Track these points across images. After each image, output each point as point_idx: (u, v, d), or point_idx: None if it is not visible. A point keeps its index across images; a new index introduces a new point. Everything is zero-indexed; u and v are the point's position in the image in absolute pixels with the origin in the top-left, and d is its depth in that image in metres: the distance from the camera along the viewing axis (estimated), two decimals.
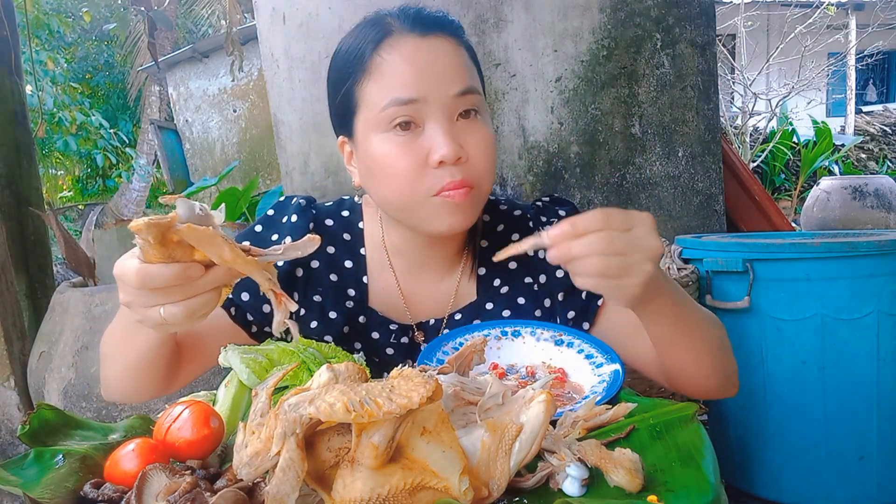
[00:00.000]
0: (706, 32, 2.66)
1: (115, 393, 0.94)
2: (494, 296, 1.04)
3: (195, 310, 0.64)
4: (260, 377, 0.74)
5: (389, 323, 1.03)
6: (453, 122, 0.89)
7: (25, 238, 2.81)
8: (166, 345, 0.87)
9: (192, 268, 0.62)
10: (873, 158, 9.63)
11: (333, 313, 1.02)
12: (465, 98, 0.89)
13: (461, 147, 0.88)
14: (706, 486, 0.56)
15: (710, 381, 0.91)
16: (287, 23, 2.68)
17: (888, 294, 1.85)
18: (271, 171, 8.06)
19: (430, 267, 1.04)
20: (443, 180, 0.87)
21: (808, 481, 1.95)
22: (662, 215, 2.66)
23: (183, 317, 0.64)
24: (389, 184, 0.90)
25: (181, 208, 0.60)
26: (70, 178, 12.12)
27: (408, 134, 0.88)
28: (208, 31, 11.25)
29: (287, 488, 0.50)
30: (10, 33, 2.78)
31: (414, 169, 0.88)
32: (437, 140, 0.87)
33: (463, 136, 0.89)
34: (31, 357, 2.18)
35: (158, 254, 0.60)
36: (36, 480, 0.60)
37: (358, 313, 1.03)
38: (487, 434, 0.57)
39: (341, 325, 1.02)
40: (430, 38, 0.90)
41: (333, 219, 1.07)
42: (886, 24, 9.55)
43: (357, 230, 1.07)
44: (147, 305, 0.64)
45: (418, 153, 0.88)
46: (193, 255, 0.61)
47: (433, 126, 0.88)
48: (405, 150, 0.88)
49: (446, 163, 0.87)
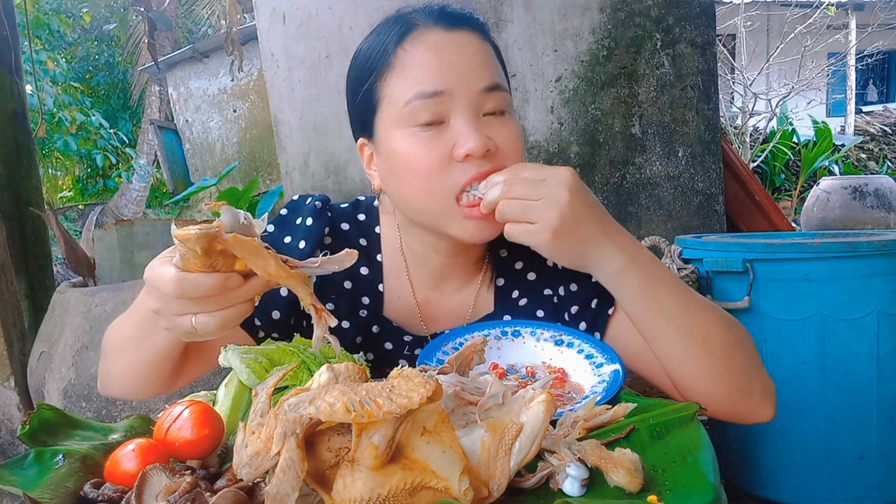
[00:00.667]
0: (706, 32, 2.66)
1: (116, 389, 0.91)
2: (512, 308, 1.01)
3: (229, 320, 0.63)
4: (260, 377, 0.74)
5: (404, 334, 1.00)
6: (480, 117, 0.86)
7: (25, 238, 2.81)
8: (178, 347, 0.84)
9: (232, 278, 0.60)
10: (873, 158, 9.63)
11: (346, 323, 0.99)
12: (493, 95, 0.86)
13: (489, 138, 0.84)
14: (706, 486, 0.56)
15: (716, 386, 0.82)
16: (287, 23, 2.68)
17: (888, 294, 1.85)
18: (271, 171, 8.06)
19: (449, 276, 1.01)
20: (467, 175, 0.84)
21: (808, 481, 1.95)
22: (662, 215, 2.66)
23: (216, 327, 0.62)
24: (412, 182, 0.87)
25: (226, 216, 0.58)
26: (70, 178, 12.11)
27: (432, 130, 0.84)
28: (208, 31, 11.26)
29: (287, 488, 0.50)
30: (10, 33, 2.78)
31: (438, 165, 0.84)
32: (464, 132, 0.83)
33: (490, 130, 0.85)
34: (31, 357, 2.18)
35: (200, 262, 0.58)
36: (36, 480, 0.60)
37: (372, 322, 1.00)
38: (487, 434, 0.57)
39: (354, 335, 0.99)
40: (456, 32, 0.87)
41: (349, 222, 1.03)
42: (886, 24, 9.55)
43: (374, 235, 1.03)
44: (180, 314, 0.63)
45: (443, 148, 0.84)
46: (234, 264, 0.60)
47: (459, 120, 0.84)
48: (429, 145, 0.84)
49: (473, 156, 0.83)
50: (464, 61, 0.85)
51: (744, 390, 0.84)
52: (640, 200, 2.66)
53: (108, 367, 0.90)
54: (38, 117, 3.43)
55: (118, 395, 0.93)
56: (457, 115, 0.84)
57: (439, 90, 0.83)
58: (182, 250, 0.58)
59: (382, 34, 0.89)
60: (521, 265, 1.03)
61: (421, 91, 0.84)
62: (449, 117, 0.85)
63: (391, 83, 0.87)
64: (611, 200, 2.65)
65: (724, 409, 0.84)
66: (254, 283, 0.62)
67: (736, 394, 0.84)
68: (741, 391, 0.84)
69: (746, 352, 0.86)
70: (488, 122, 0.86)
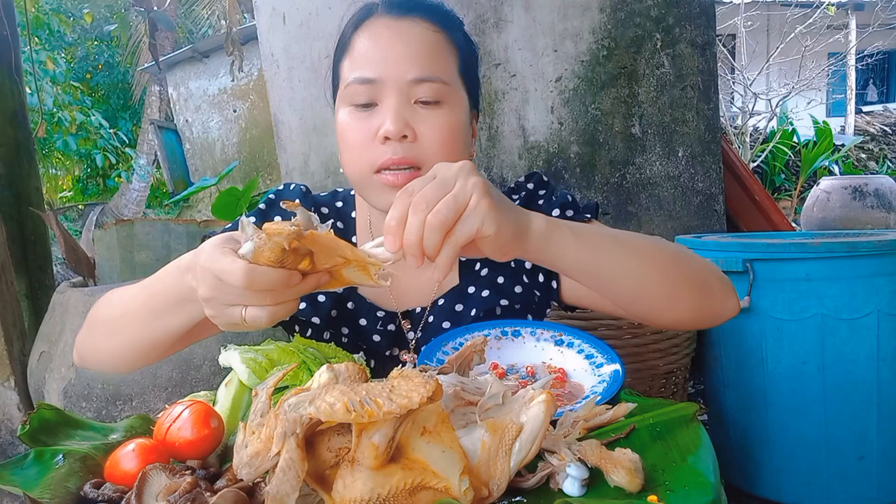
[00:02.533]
0: (706, 32, 2.66)
1: (100, 363, 0.89)
2: (476, 278, 1.05)
3: (279, 316, 0.64)
4: (260, 377, 0.74)
5: (377, 310, 1.04)
6: (409, 104, 0.91)
7: (25, 238, 2.81)
8: (188, 329, 0.82)
9: (295, 275, 0.62)
10: (873, 158, 9.63)
11: (322, 296, 1.03)
12: (423, 86, 0.91)
13: (408, 125, 0.90)
14: (706, 486, 0.56)
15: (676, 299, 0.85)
16: (287, 23, 2.68)
17: (888, 294, 1.85)
18: (271, 171, 8.06)
19: None
20: (384, 155, 0.90)
21: (808, 481, 1.95)
22: (662, 215, 2.66)
23: (266, 320, 0.63)
24: (345, 153, 0.95)
25: (302, 216, 0.62)
26: (70, 178, 12.12)
27: (366, 111, 0.92)
28: (208, 31, 11.25)
29: (287, 488, 0.50)
30: (10, 33, 2.78)
31: (362, 142, 0.92)
32: (385, 117, 0.90)
33: (417, 118, 0.91)
34: (31, 357, 2.19)
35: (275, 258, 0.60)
36: (36, 480, 0.60)
37: (347, 299, 1.05)
38: (487, 434, 0.57)
39: (329, 307, 1.03)
40: (404, 20, 0.93)
41: (329, 208, 1.12)
42: (886, 24, 9.55)
43: (350, 220, 1.11)
44: (234, 304, 0.63)
45: (369, 128, 0.92)
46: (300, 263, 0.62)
47: (386, 104, 0.91)
48: (359, 123, 0.92)
49: (391, 139, 0.90)
50: (397, 50, 0.91)
51: (703, 291, 0.87)
52: (640, 200, 2.66)
53: (96, 341, 0.88)
54: (38, 117, 3.43)
55: (99, 370, 0.92)
56: (385, 100, 0.91)
57: (371, 78, 0.91)
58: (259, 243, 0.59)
59: (350, 18, 0.98)
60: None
61: (358, 77, 0.92)
62: (381, 101, 0.92)
63: (343, 65, 0.96)
64: (611, 200, 2.65)
65: (692, 316, 0.88)
66: (309, 280, 0.64)
67: (698, 297, 0.87)
68: (701, 293, 0.87)
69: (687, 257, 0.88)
70: (415, 110, 0.92)
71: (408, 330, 1.04)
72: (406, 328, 1.04)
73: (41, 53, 9.08)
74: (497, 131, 2.68)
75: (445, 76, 0.93)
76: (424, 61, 0.91)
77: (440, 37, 0.94)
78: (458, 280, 1.06)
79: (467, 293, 1.04)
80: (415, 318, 1.05)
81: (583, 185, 2.65)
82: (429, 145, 0.91)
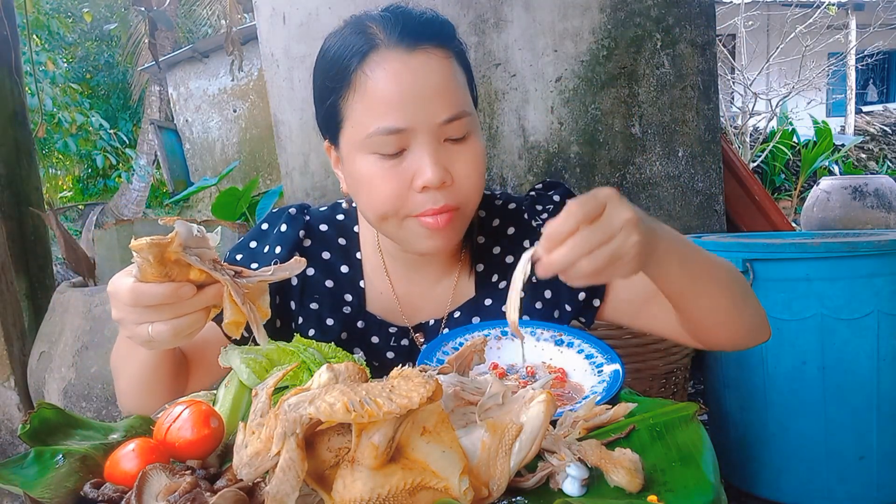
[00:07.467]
0: (706, 32, 2.66)
1: (128, 405, 0.94)
2: (493, 291, 1.03)
3: (182, 329, 0.66)
4: (260, 377, 0.74)
5: (388, 326, 1.02)
6: (440, 144, 0.86)
7: (25, 238, 2.81)
8: (167, 358, 0.87)
9: (184, 287, 0.64)
10: (873, 158, 9.63)
11: (330, 320, 1.01)
12: (453, 125, 0.86)
13: (446, 171, 0.85)
14: (706, 486, 0.56)
15: (737, 329, 0.92)
16: (287, 23, 2.68)
17: (888, 294, 1.85)
18: (271, 171, 8.05)
19: (425, 269, 1.03)
20: (424, 205, 0.86)
21: (808, 481, 1.95)
22: (662, 215, 2.66)
23: (170, 335, 0.66)
24: (372, 204, 0.89)
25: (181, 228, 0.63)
26: (70, 178, 12.12)
27: (393, 160, 0.85)
28: (208, 31, 11.26)
29: (287, 488, 0.50)
30: (10, 33, 2.78)
31: (397, 193, 0.86)
32: (422, 165, 0.84)
33: (450, 159, 0.86)
34: (31, 357, 2.19)
35: (156, 272, 0.63)
36: (36, 480, 0.60)
37: (356, 318, 1.02)
38: (487, 434, 0.57)
39: (339, 331, 1.01)
40: (418, 54, 0.84)
41: (328, 224, 1.06)
42: (886, 24, 9.55)
43: (352, 234, 1.06)
44: (137, 322, 0.66)
45: (403, 177, 0.85)
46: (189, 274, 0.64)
47: (419, 150, 0.85)
48: (390, 173, 0.85)
49: (430, 188, 0.85)
50: (425, 93, 0.84)
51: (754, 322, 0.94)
52: (640, 200, 2.66)
53: (118, 385, 0.94)
54: (38, 118, 3.43)
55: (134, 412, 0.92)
56: (417, 145, 0.85)
57: (400, 128, 0.83)
58: (139, 261, 0.63)
59: (344, 46, 0.87)
60: (499, 249, 1.05)
61: (382, 128, 0.83)
62: (411, 147, 0.85)
63: (354, 106, 0.86)
64: None
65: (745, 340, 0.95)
66: (206, 292, 0.66)
67: (753, 329, 0.94)
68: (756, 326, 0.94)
69: (747, 286, 0.94)
70: (448, 149, 0.87)
71: (421, 343, 1.02)
72: (419, 341, 1.02)
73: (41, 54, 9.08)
74: (497, 131, 2.68)
75: (467, 105, 0.88)
76: (450, 99, 0.85)
77: (451, 63, 0.88)
78: (474, 292, 1.04)
79: (484, 305, 1.03)
80: (429, 330, 1.03)
81: (583, 186, 2.65)
82: (466, 185, 0.88)
